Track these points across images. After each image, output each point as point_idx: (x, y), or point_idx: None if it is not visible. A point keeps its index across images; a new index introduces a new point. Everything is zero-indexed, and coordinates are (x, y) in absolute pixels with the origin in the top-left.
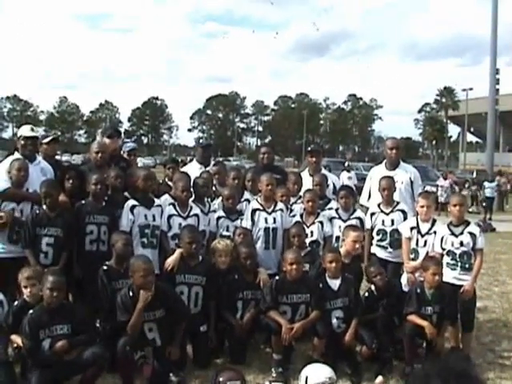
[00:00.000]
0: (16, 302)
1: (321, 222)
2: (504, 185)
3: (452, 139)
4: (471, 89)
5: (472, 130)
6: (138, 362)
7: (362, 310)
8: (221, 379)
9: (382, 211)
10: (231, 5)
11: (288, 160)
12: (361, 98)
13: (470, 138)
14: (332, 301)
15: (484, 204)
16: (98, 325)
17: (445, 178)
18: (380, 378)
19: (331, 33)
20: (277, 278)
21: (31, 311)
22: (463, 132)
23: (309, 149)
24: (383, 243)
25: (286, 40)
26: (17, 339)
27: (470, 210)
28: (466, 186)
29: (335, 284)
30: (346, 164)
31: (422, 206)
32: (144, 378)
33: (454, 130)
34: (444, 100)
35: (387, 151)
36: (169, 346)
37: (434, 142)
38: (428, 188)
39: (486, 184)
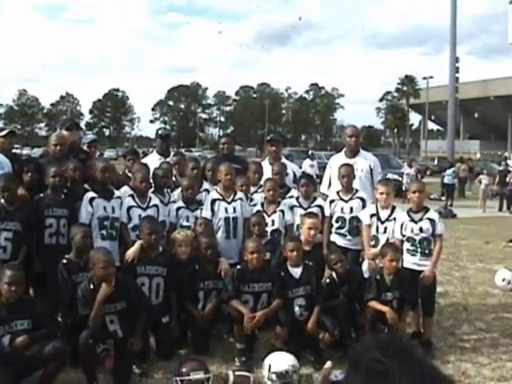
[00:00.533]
0: None
1: (282, 211)
2: (463, 171)
3: (413, 127)
4: (431, 77)
5: (433, 117)
6: (100, 354)
7: (324, 298)
8: (184, 370)
9: (341, 199)
10: None
11: (250, 150)
12: (323, 87)
13: (432, 125)
14: (294, 289)
15: (444, 190)
16: (59, 319)
17: (410, 166)
18: (329, 363)
19: (293, 22)
20: (238, 267)
21: None
22: (424, 120)
23: (268, 138)
24: (342, 231)
25: (249, 30)
26: None
27: (432, 196)
28: (428, 173)
29: (296, 272)
30: (310, 152)
31: (382, 193)
32: (106, 371)
33: (415, 118)
34: (405, 88)
35: (346, 139)
36: (130, 338)
37: (395, 130)
38: (390, 176)
39: (447, 171)
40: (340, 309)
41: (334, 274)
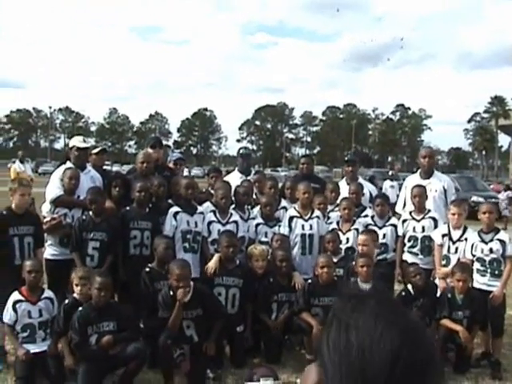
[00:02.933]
0: (66, 301)
1: (356, 229)
2: None
3: (503, 149)
4: None
5: None
6: (177, 359)
7: None
8: (254, 375)
9: (413, 218)
10: (283, 16)
11: (336, 170)
12: (409, 108)
13: None
14: None
15: None
16: (141, 325)
17: (505, 190)
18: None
19: (384, 42)
20: (309, 281)
21: (80, 308)
22: None
23: (345, 159)
24: (414, 249)
25: (340, 50)
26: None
27: None
28: None
29: (366, 288)
30: (390, 173)
31: (454, 214)
32: (183, 374)
33: (504, 140)
34: (494, 109)
35: (421, 160)
36: (206, 343)
37: (483, 152)
38: (475, 198)
39: None
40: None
41: (410, 287)
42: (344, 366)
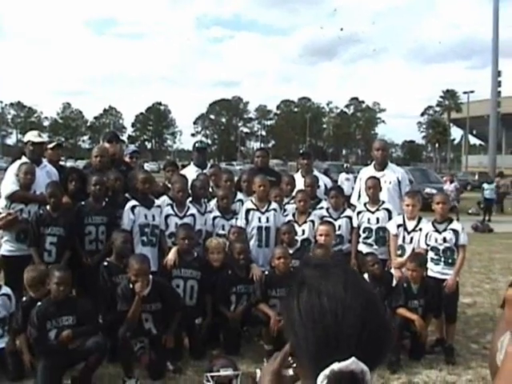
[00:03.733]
0: (24, 298)
1: (312, 221)
2: (503, 187)
3: (455, 142)
4: (472, 91)
5: (474, 132)
6: (137, 352)
7: None
8: (214, 366)
9: (367, 210)
10: (238, 10)
11: (291, 164)
12: (363, 102)
13: (474, 140)
14: None
15: (482, 205)
16: (99, 320)
17: (451, 182)
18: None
19: (339, 37)
20: (266, 272)
21: (39, 303)
22: (465, 135)
23: (300, 151)
24: (369, 240)
25: (295, 44)
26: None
27: (470, 211)
28: (468, 188)
29: None
30: (346, 166)
31: (408, 205)
32: (142, 367)
33: (457, 133)
34: (447, 103)
35: (374, 152)
36: (164, 336)
37: (436, 145)
38: (428, 190)
39: (485, 186)
40: None
41: (366, 276)
42: (318, 329)
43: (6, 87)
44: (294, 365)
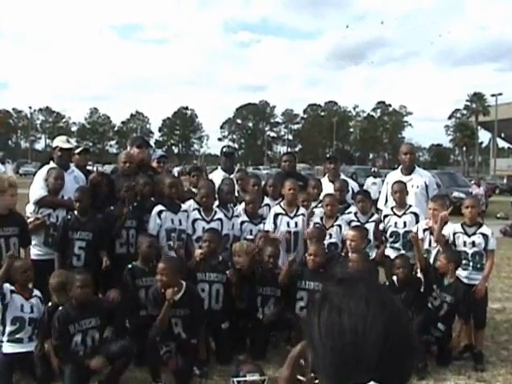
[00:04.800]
0: (50, 303)
1: (339, 226)
2: None
3: (483, 145)
4: (500, 94)
5: (503, 135)
6: (163, 356)
7: None
8: (241, 371)
9: (394, 214)
10: (265, 14)
11: (318, 168)
12: (390, 105)
13: (502, 143)
14: None
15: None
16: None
17: (478, 185)
18: None
19: (367, 40)
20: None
21: (60, 308)
22: (493, 138)
23: (327, 156)
24: (396, 245)
25: (322, 48)
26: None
27: (498, 215)
28: (497, 192)
29: None
30: (373, 170)
31: (431, 209)
32: (169, 371)
33: (485, 136)
34: (474, 106)
35: (401, 156)
36: (194, 344)
37: (464, 148)
38: (456, 194)
39: None
40: None
41: (394, 278)
42: (337, 349)
43: (35, 93)
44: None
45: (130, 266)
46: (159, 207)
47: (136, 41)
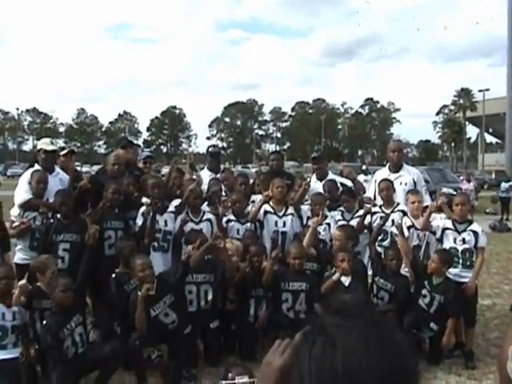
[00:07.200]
0: None
1: (328, 224)
2: None
3: (471, 140)
4: (488, 89)
5: (491, 130)
6: (154, 360)
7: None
8: (230, 374)
9: (382, 211)
10: (256, 12)
11: (307, 165)
12: (378, 102)
13: (490, 138)
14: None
15: (496, 203)
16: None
17: (468, 181)
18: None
19: (359, 37)
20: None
21: (44, 321)
22: (481, 133)
23: (312, 156)
24: (384, 243)
25: (314, 46)
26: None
27: (487, 210)
28: (485, 187)
29: (346, 281)
30: (364, 167)
31: (413, 202)
32: (158, 374)
33: (473, 132)
34: (461, 101)
35: (389, 154)
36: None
37: (452, 144)
38: (445, 190)
39: (502, 184)
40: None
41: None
42: None
43: (22, 94)
44: None
45: (113, 275)
46: (144, 207)
47: (125, 40)
